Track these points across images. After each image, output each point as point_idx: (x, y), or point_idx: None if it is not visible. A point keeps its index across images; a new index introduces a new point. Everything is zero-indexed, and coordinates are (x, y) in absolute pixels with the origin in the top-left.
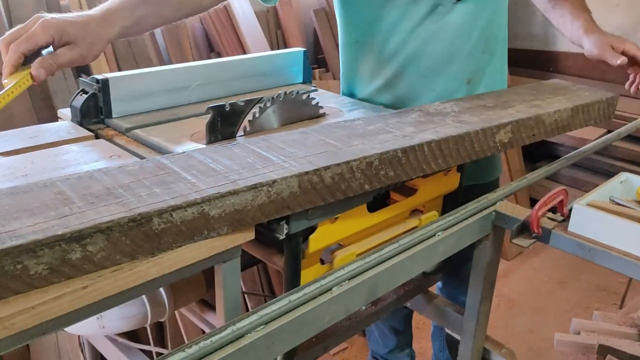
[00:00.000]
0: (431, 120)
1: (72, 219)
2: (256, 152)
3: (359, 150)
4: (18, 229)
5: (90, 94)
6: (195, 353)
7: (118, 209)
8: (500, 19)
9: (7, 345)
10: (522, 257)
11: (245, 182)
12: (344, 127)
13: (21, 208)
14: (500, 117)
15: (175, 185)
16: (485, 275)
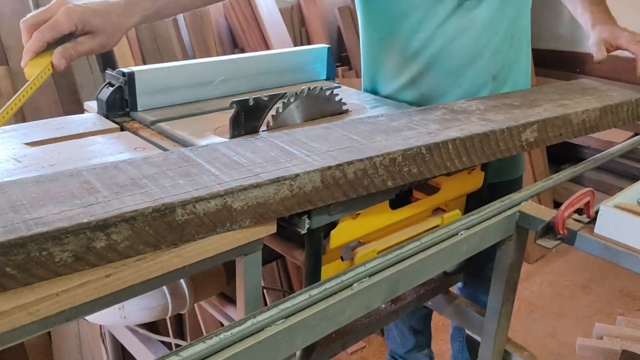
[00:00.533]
0: (456, 118)
1: (98, 208)
2: (279, 146)
3: (382, 146)
4: (44, 216)
5: (116, 87)
6: (215, 344)
7: (142, 199)
8: (524, 15)
9: (31, 331)
10: (544, 260)
11: (268, 176)
12: (368, 123)
13: (47, 196)
14: (526, 115)
15: (199, 177)
16: (508, 276)
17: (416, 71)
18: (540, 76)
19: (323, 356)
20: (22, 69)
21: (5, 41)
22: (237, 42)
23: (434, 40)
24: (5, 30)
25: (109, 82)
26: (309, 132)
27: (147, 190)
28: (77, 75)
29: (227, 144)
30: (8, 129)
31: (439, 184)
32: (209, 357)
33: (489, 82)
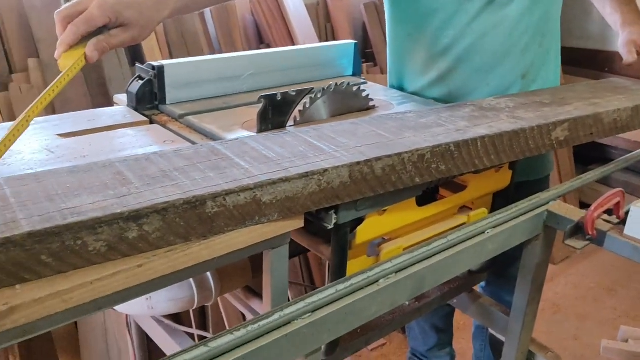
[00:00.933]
0: (485, 115)
1: (130, 199)
2: (307, 141)
3: (411, 143)
4: (79, 206)
5: (146, 80)
6: (243, 336)
7: (174, 190)
8: (555, 14)
9: (65, 319)
10: (569, 261)
11: (297, 170)
12: (396, 119)
13: (82, 186)
14: (557, 114)
15: (229, 170)
16: (534, 276)
17: (445, 68)
18: (568, 74)
19: (347, 351)
20: (53, 61)
21: (36, 34)
22: (263, 37)
23: (463, 37)
24: (36, 23)
25: (138, 76)
26: (337, 127)
27: (178, 183)
28: (107, 68)
29: (256, 138)
30: (40, 120)
31: (466, 181)
32: (236, 349)
33: (518, 81)
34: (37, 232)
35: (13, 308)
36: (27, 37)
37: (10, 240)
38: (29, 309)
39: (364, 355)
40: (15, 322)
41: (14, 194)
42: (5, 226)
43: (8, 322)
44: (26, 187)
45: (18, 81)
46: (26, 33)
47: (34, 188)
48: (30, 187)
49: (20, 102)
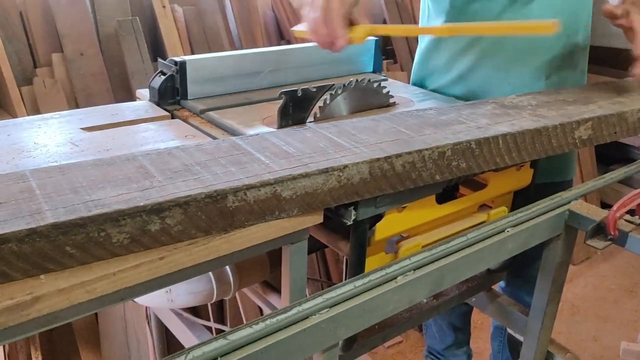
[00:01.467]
0: (507, 113)
1: (153, 192)
2: (328, 137)
3: (431, 140)
4: (103, 199)
5: (168, 76)
6: (261, 330)
7: (195, 184)
8: (583, 16)
9: (88, 309)
10: (589, 262)
11: (317, 166)
12: (416, 116)
13: (105, 179)
14: (580, 112)
15: (250, 165)
16: (555, 276)
17: (466, 66)
18: (591, 73)
19: (364, 348)
20: (76, 56)
21: (60, 29)
22: (284, 33)
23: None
24: (60, 18)
25: (161, 71)
26: (357, 123)
27: (199, 177)
28: (129, 64)
29: (277, 133)
30: (65, 113)
31: (486, 180)
32: (255, 342)
33: (541, 82)
34: (61, 224)
35: (37, 298)
36: (51, 32)
37: (35, 231)
38: (53, 298)
39: (379, 353)
40: (40, 311)
41: (40, 185)
42: (31, 217)
43: (33, 312)
44: (51, 179)
45: (42, 75)
46: (50, 28)
47: (58, 180)
48: (55, 179)
49: (44, 96)
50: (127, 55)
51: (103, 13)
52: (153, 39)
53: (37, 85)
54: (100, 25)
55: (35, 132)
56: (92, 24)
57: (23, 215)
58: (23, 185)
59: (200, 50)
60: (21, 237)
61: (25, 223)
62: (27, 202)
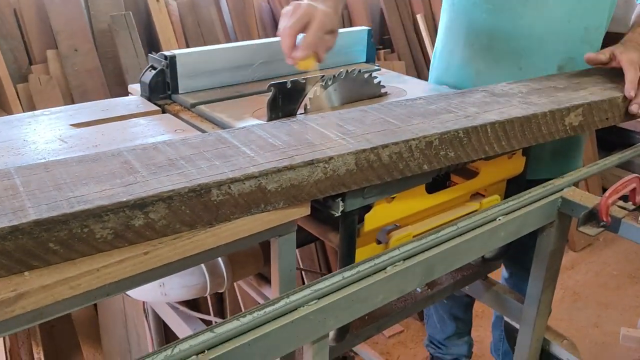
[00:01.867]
0: (496, 101)
1: (136, 187)
2: (315, 129)
3: (418, 130)
4: (86, 195)
5: (158, 70)
6: (249, 322)
7: (179, 179)
8: (603, 10)
9: (73, 305)
10: (590, 249)
11: (302, 158)
12: (405, 106)
13: (89, 175)
14: (571, 99)
15: (235, 158)
16: (549, 263)
17: (478, 45)
18: None
19: (357, 338)
20: (71, 52)
21: (54, 26)
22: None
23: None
24: (54, 15)
25: (151, 66)
26: (345, 115)
27: (184, 171)
28: (123, 59)
29: (263, 126)
30: (55, 110)
31: (478, 168)
32: (243, 335)
33: (553, 71)
34: (44, 220)
35: (21, 294)
36: (45, 29)
37: (18, 229)
38: (37, 295)
39: (380, 342)
40: (24, 308)
41: (24, 183)
42: (14, 214)
43: (17, 308)
44: (35, 176)
45: (37, 72)
46: (44, 25)
47: (42, 177)
48: (39, 176)
49: (39, 93)
50: (121, 51)
51: (97, 8)
52: (148, 33)
53: (33, 82)
54: (94, 21)
55: (25, 129)
56: (86, 20)
57: (6, 213)
58: (7, 183)
59: (195, 44)
60: (3, 235)
61: (7, 220)
62: (11, 200)
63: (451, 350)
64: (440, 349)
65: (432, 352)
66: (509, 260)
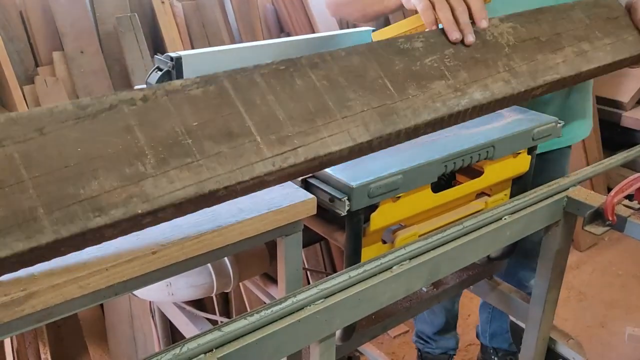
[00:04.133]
0: (485, 60)
1: (148, 187)
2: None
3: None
4: (97, 196)
5: (164, 71)
6: (256, 321)
7: (189, 177)
8: None
9: (82, 304)
10: (596, 248)
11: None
12: (403, 54)
13: (94, 153)
14: (546, 67)
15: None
16: (554, 263)
17: None
18: None
19: (363, 337)
20: (77, 54)
21: (60, 27)
22: (284, 26)
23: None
24: (60, 16)
25: (157, 67)
26: (346, 62)
27: (192, 162)
28: (129, 60)
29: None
30: None
31: (483, 167)
32: (250, 334)
33: None
34: (63, 239)
35: (31, 294)
36: (51, 31)
37: (37, 248)
38: (47, 294)
39: (386, 343)
40: (34, 307)
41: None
42: (28, 227)
43: (27, 307)
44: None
45: (44, 74)
46: (50, 27)
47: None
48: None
49: (45, 95)
50: (126, 52)
51: (102, 10)
52: (153, 35)
53: (39, 84)
54: (99, 23)
55: None
56: (92, 22)
57: (19, 223)
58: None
59: (200, 45)
60: (23, 253)
61: (24, 237)
62: (18, 196)
63: (440, 344)
64: (429, 344)
65: (420, 347)
66: None
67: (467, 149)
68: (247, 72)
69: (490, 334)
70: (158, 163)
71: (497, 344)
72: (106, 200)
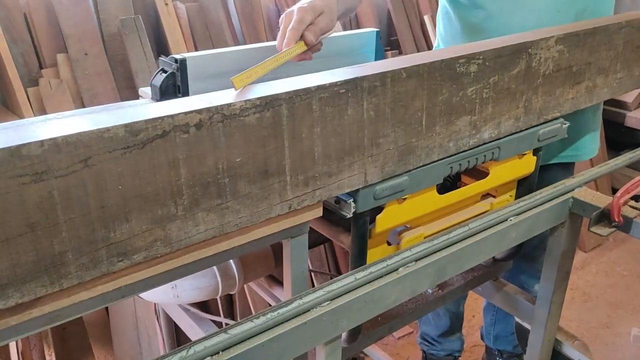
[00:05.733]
0: (513, 94)
1: (174, 229)
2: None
3: (438, 145)
4: (125, 240)
5: (169, 73)
6: (262, 324)
7: (213, 220)
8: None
9: (89, 307)
10: (600, 249)
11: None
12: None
13: (133, 192)
14: (554, 105)
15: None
16: (560, 264)
17: None
18: None
19: (369, 339)
20: (81, 56)
21: (64, 29)
22: None
23: (492, 16)
24: (64, 18)
25: (162, 69)
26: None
27: (221, 204)
28: (133, 62)
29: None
30: (68, 114)
31: (488, 168)
32: (257, 336)
33: None
34: (85, 282)
35: (40, 297)
36: (55, 33)
37: (61, 289)
38: (55, 297)
39: (390, 344)
40: (42, 310)
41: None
42: (54, 271)
43: (35, 310)
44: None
45: (48, 76)
46: (54, 28)
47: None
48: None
49: (50, 97)
50: (130, 54)
51: (106, 12)
52: (156, 36)
53: (43, 86)
54: (103, 25)
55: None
56: (96, 23)
57: (47, 269)
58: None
59: (203, 47)
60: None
61: (49, 283)
62: (50, 240)
63: (444, 346)
64: (434, 346)
65: (425, 349)
66: None
67: (473, 151)
68: (308, 95)
69: (494, 336)
70: (190, 205)
71: (502, 346)
72: (132, 244)
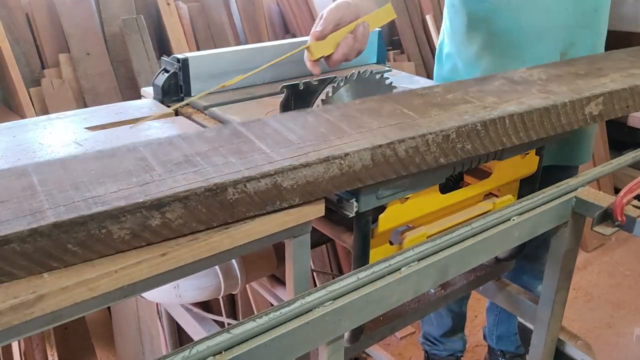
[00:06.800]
0: (515, 90)
1: (152, 187)
2: (330, 122)
3: (435, 123)
4: (102, 195)
5: (171, 73)
6: (265, 323)
7: (195, 178)
8: None
9: (91, 306)
10: (603, 249)
11: (318, 155)
12: (422, 95)
13: (106, 173)
14: (591, 87)
15: (250, 155)
16: (563, 263)
17: (480, 43)
18: None
19: (371, 339)
20: (83, 56)
21: (66, 29)
22: (289, 27)
23: (499, 10)
24: (66, 18)
25: (164, 69)
26: (361, 105)
27: (199, 169)
28: (135, 62)
29: (278, 118)
30: (70, 114)
31: (491, 168)
32: (259, 335)
33: (556, 59)
34: (62, 223)
35: (41, 296)
36: (57, 33)
37: (37, 231)
38: (57, 297)
39: (392, 344)
40: (43, 310)
41: (41, 181)
42: (32, 217)
43: (36, 310)
44: (53, 174)
45: (50, 76)
46: (56, 28)
47: (60, 175)
48: (56, 174)
49: (52, 97)
50: (132, 54)
51: (108, 12)
52: (158, 36)
53: (45, 86)
54: (105, 25)
55: (40, 132)
56: (98, 23)
57: (25, 215)
58: (25, 181)
59: (205, 47)
60: (23, 237)
61: (26, 223)
62: (29, 200)
63: (447, 346)
64: (436, 346)
65: (427, 349)
66: None
67: None
68: None
69: (497, 337)
70: (165, 172)
71: (504, 346)
72: (109, 197)
